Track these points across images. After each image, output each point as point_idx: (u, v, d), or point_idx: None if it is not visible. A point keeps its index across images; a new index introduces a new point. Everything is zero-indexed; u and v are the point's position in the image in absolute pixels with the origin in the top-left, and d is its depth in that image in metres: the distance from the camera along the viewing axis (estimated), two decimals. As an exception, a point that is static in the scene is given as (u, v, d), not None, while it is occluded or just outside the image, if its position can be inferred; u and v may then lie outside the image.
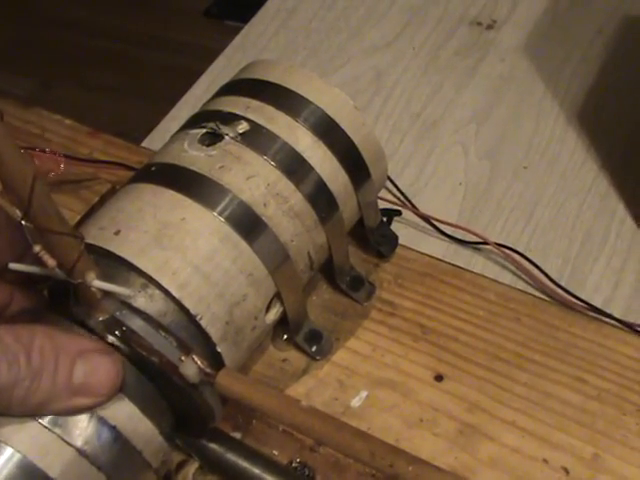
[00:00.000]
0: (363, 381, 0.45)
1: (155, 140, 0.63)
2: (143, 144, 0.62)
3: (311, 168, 0.42)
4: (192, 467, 0.41)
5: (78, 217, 0.50)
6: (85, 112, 0.62)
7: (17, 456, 0.32)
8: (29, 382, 0.31)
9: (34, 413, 0.32)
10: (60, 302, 0.36)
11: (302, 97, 0.43)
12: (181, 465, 0.41)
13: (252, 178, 0.40)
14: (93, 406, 0.33)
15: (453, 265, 0.51)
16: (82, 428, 0.33)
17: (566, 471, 0.41)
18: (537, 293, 0.51)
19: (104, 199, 0.52)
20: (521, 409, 0.43)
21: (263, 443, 0.42)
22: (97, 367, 0.33)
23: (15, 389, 0.30)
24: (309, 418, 0.33)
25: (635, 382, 0.44)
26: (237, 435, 0.42)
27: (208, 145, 0.41)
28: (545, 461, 0.41)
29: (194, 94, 0.70)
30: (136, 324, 0.35)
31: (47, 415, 0.33)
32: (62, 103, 0.64)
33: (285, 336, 0.46)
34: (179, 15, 1.77)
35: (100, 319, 0.35)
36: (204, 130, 0.42)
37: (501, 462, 0.41)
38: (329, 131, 0.43)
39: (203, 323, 0.37)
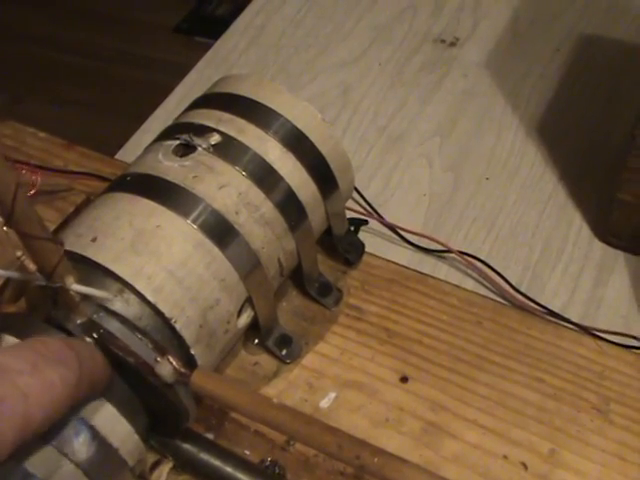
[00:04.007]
0: (331, 383, 0.46)
1: (128, 152, 0.64)
2: (116, 156, 0.64)
3: (281, 178, 0.44)
4: (166, 467, 0.42)
5: (53, 227, 0.51)
6: (55, 127, 0.63)
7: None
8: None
9: None
10: (37, 306, 0.38)
11: (272, 110, 0.45)
12: (155, 465, 0.42)
13: (224, 187, 0.42)
14: None
15: (418, 272, 0.53)
16: (61, 427, 0.34)
17: (525, 466, 0.43)
18: (498, 298, 0.54)
19: (79, 209, 0.53)
20: (482, 408, 0.45)
21: (235, 443, 0.44)
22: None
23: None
24: (280, 414, 0.35)
25: (590, 381, 0.46)
26: (210, 436, 0.44)
27: (182, 156, 0.43)
28: (505, 457, 0.43)
29: (166, 108, 0.71)
30: (113, 326, 0.36)
31: None
32: (33, 118, 0.65)
33: (256, 340, 0.48)
34: (149, 31, 1.78)
35: (78, 322, 0.36)
36: (178, 142, 0.44)
37: (463, 458, 0.43)
38: (298, 143, 0.45)
39: (177, 326, 0.38)
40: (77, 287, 0.35)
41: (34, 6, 1.84)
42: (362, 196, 0.60)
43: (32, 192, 0.51)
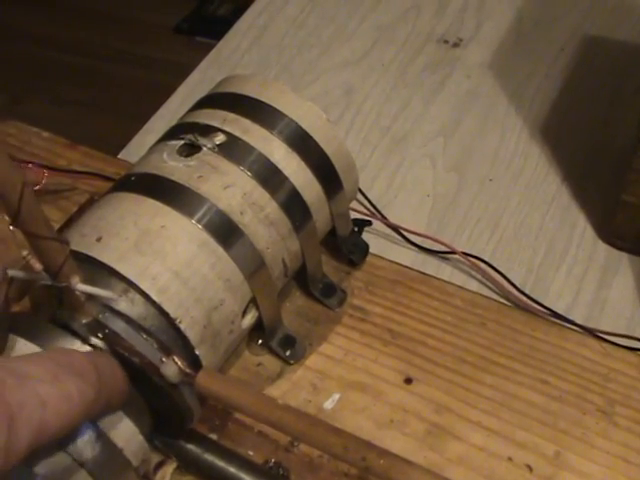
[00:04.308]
0: (335, 384, 0.46)
1: (131, 152, 0.64)
2: (119, 156, 0.64)
3: (286, 178, 0.44)
4: (170, 467, 0.42)
5: (57, 226, 0.51)
6: (55, 127, 0.63)
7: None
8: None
9: None
10: (41, 306, 0.38)
11: (277, 110, 0.45)
12: (159, 465, 0.42)
13: (229, 188, 0.42)
14: None
15: (421, 273, 0.53)
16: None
17: (530, 468, 0.43)
18: (502, 300, 0.53)
19: (83, 209, 0.53)
20: (487, 410, 0.45)
21: (239, 444, 0.43)
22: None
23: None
24: (285, 415, 0.35)
25: (595, 383, 0.46)
26: (214, 436, 0.44)
27: (186, 156, 0.43)
28: (510, 459, 0.43)
29: (169, 108, 0.71)
30: (118, 326, 0.36)
31: None
32: (33, 118, 0.65)
33: (260, 341, 0.48)
34: (150, 31, 1.78)
35: (84, 322, 0.36)
36: (182, 141, 0.44)
37: (468, 460, 0.43)
38: (303, 143, 0.45)
39: (182, 326, 0.38)
40: (82, 287, 0.35)
41: (34, 6, 1.84)
42: (366, 197, 0.60)
43: (37, 188, 0.51)
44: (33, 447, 0.28)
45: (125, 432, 0.36)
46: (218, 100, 0.47)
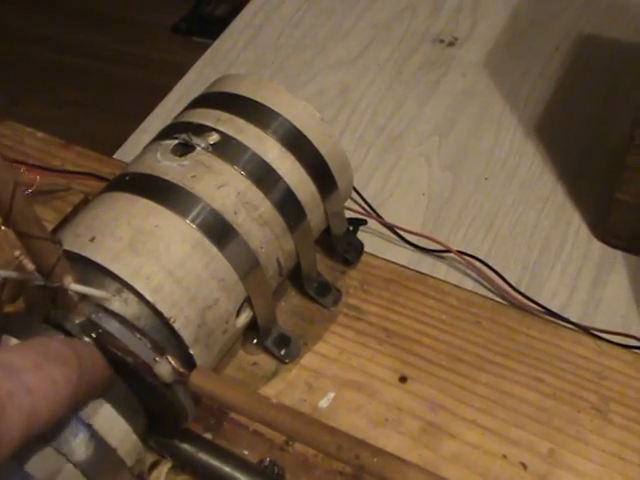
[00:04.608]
0: (330, 383, 0.46)
1: (126, 152, 0.64)
2: (115, 156, 0.64)
3: (280, 178, 0.44)
4: (165, 467, 0.42)
5: (52, 227, 0.51)
6: (53, 127, 0.63)
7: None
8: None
9: None
10: (35, 306, 0.38)
11: (271, 109, 0.45)
12: (154, 465, 0.42)
13: (223, 187, 0.42)
14: None
15: (417, 272, 0.53)
16: (59, 427, 0.34)
17: (524, 466, 0.43)
18: (497, 298, 0.54)
19: (77, 209, 0.53)
20: (481, 408, 0.45)
21: (234, 443, 0.43)
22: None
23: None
24: (279, 414, 0.35)
25: (589, 381, 0.46)
26: (208, 436, 0.44)
27: (180, 155, 0.43)
28: (504, 457, 0.43)
29: (165, 107, 0.71)
30: (112, 326, 0.36)
31: None
32: (31, 118, 0.65)
33: (255, 340, 0.48)
34: (147, 31, 1.78)
35: (77, 321, 0.36)
36: (176, 141, 0.44)
37: (463, 458, 0.43)
38: (297, 142, 0.45)
39: (176, 326, 0.38)
40: (75, 287, 0.35)
41: (33, 7, 1.84)
42: (361, 196, 0.60)
43: (30, 192, 0.51)
44: (26, 436, 0.29)
45: (119, 432, 0.36)
46: (212, 100, 0.47)
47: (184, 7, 1.81)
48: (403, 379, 0.47)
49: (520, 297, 0.53)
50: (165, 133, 0.45)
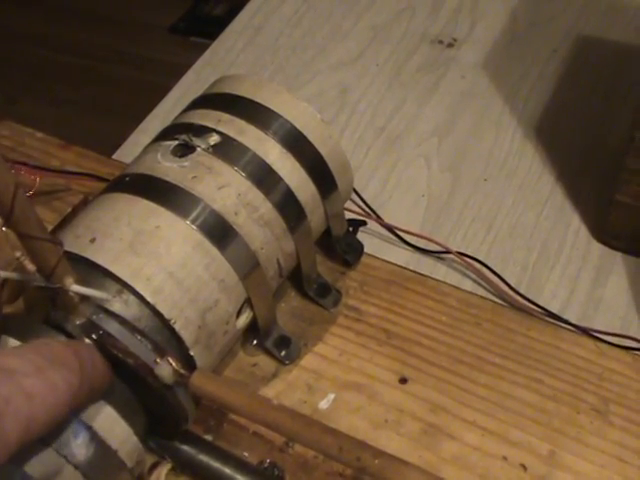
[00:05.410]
0: (330, 384, 0.46)
1: (125, 152, 0.64)
2: (114, 156, 0.63)
3: (280, 179, 0.44)
4: (165, 468, 0.42)
5: (51, 227, 0.51)
6: (50, 127, 0.63)
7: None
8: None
9: None
10: (35, 307, 0.38)
11: (271, 110, 0.45)
12: (154, 466, 0.41)
13: (223, 188, 0.42)
14: None
15: (416, 273, 0.53)
16: (59, 428, 0.34)
17: (524, 467, 0.43)
18: (497, 299, 0.54)
19: (76, 210, 0.53)
20: (481, 409, 0.45)
21: (234, 445, 0.43)
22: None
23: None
24: (280, 415, 0.35)
25: (589, 382, 0.46)
26: (209, 437, 0.44)
27: (181, 156, 0.43)
28: (505, 458, 0.43)
29: (164, 108, 0.71)
30: (112, 327, 0.36)
31: None
32: (28, 118, 0.65)
33: (255, 341, 0.48)
34: (145, 31, 1.78)
35: (77, 323, 0.36)
36: (177, 142, 0.44)
37: (463, 460, 0.43)
38: (297, 143, 0.45)
39: (177, 327, 0.38)
40: (76, 288, 0.35)
41: (31, 6, 1.84)
42: (360, 197, 0.59)
43: (30, 193, 0.51)
44: (23, 442, 0.28)
45: (119, 433, 0.36)
46: (212, 100, 0.47)
47: (182, 7, 1.81)
48: (403, 380, 0.47)
49: (519, 298, 0.53)
50: (165, 134, 0.45)
